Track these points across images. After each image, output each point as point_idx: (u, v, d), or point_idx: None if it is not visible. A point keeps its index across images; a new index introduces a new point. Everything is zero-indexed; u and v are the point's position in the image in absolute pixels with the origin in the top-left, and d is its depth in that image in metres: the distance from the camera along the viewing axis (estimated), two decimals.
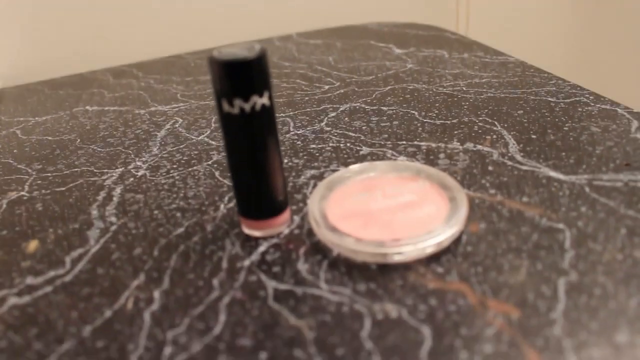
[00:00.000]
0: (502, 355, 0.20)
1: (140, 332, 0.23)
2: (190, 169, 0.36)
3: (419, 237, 0.25)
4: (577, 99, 0.41)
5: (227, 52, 0.24)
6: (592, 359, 0.20)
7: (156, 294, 0.25)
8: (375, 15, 0.73)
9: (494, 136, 0.37)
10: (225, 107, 0.25)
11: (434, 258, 0.26)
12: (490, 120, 0.39)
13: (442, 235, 0.26)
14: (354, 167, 0.32)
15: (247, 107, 0.24)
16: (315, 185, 0.33)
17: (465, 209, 0.27)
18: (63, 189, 0.36)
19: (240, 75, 0.24)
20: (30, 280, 0.27)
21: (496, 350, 0.21)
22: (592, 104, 0.40)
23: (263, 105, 0.25)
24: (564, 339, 0.21)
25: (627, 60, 0.81)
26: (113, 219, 0.32)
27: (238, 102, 0.24)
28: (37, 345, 0.23)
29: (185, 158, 0.38)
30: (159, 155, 0.39)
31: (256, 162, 0.26)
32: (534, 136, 0.36)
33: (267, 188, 0.27)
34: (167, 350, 0.22)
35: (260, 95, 0.24)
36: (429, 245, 0.25)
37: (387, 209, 0.28)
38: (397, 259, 0.25)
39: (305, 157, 0.36)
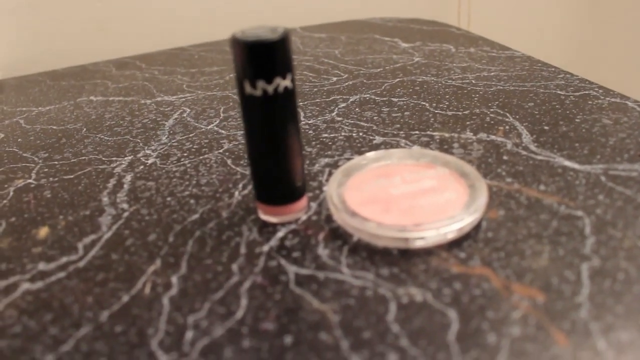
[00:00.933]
0: (530, 337, 0.20)
1: (160, 317, 0.23)
2: (201, 157, 0.36)
3: (440, 222, 0.25)
4: (587, 92, 0.41)
5: (250, 33, 0.24)
6: (620, 342, 0.20)
7: (174, 279, 0.25)
8: (377, 11, 0.73)
9: (507, 127, 0.36)
10: (248, 89, 0.24)
11: (455, 243, 0.26)
12: (501, 112, 0.39)
13: (463, 220, 0.25)
14: (370, 154, 0.32)
15: (270, 89, 0.24)
16: (330, 173, 0.33)
17: (485, 196, 0.27)
18: (71, 176, 0.35)
19: (264, 57, 0.23)
20: (42, 266, 0.27)
21: (524, 332, 0.20)
22: (602, 97, 0.40)
23: (286, 88, 0.24)
24: (591, 322, 0.21)
25: (632, 54, 0.81)
26: (125, 205, 0.31)
27: (261, 84, 0.24)
28: (52, 330, 0.23)
29: (195, 146, 0.37)
30: (169, 144, 0.38)
31: (277, 145, 0.26)
32: (546, 127, 0.36)
33: (286, 173, 0.26)
34: (189, 334, 0.22)
35: (284, 78, 0.24)
36: (450, 230, 0.25)
37: (407, 194, 0.28)
38: (418, 244, 0.25)
39: (318, 146, 0.36)
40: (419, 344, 0.20)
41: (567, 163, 0.32)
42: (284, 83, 0.24)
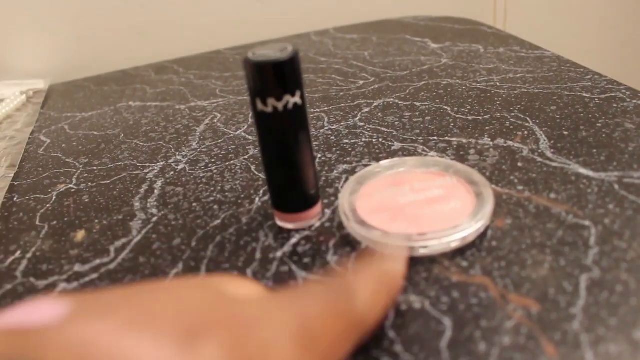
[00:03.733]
0: (520, 347, 0.21)
1: None
2: (227, 163, 0.38)
3: (444, 231, 0.26)
4: (613, 94, 0.41)
5: (260, 54, 0.25)
6: (609, 355, 0.20)
7: None
8: (412, 9, 0.74)
9: (525, 132, 0.37)
10: (259, 105, 0.26)
11: (459, 252, 0.26)
12: (522, 116, 0.39)
13: (467, 230, 0.26)
14: (384, 162, 0.33)
15: (279, 106, 0.25)
16: (346, 180, 0.34)
17: (491, 205, 0.28)
18: (108, 182, 0.38)
19: (273, 76, 0.25)
20: (78, 267, 0.29)
21: (514, 342, 0.21)
22: (629, 100, 0.39)
23: (295, 104, 0.26)
24: (582, 334, 0.21)
25: None
26: (154, 210, 0.33)
27: (271, 102, 0.25)
28: None
29: (222, 152, 0.39)
30: (198, 150, 0.40)
31: (288, 158, 0.27)
32: (565, 132, 0.36)
33: (298, 183, 0.28)
34: None
35: (293, 95, 0.26)
36: (453, 240, 0.26)
37: (414, 203, 0.29)
38: (422, 252, 0.26)
39: (338, 152, 0.37)
40: (412, 349, 0.21)
41: (582, 170, 0.32)
42: (293, 100, 0.26)
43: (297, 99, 0.26)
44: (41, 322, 0.14)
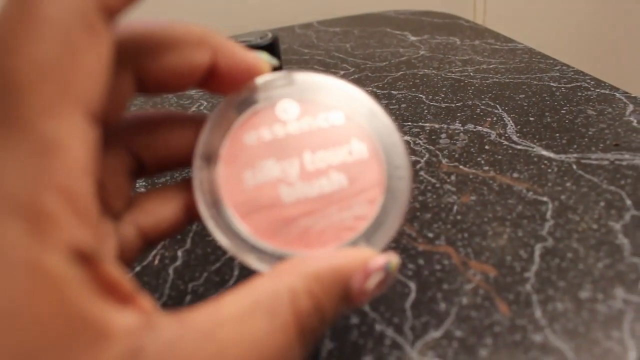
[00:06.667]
0: (477, 306, 0.23)
1: (165, 284, 0.27)
2: None
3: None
4: (579, 84, 0.43)
5: (242, 39, 0.27)
6: (555, 311, 0.23)
7: (179, 253, 0.29)
8: (395, 3, 0.76)
9: (494, 118, 0.39)
10: None
11: (426, 224, 0.29)
12: (492, 104, 0.41)
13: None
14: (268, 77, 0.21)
15: None
16: None
17: (397, 218, 0.19)
18: None
19: None
20: None
21: (472, 302, 0.23)
22: (592, 89, 0.42)
23: None
24: (533, 295, 0.24)
25: None
26: (142, 189, 0.35)
27: None
28: None
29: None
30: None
31: None
32: (532, 119, 0.38)
33: None
34: (188, 298, 0.26)
35: None
36: None
37: (304, 203, 0.19)
38: None
39: None
40: (379, 309, 0.24)
41: (544, 152, 0.34)
42: None
43: None
44: None
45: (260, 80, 0.20)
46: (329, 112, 0.20)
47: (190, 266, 0.28)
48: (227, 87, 0.20)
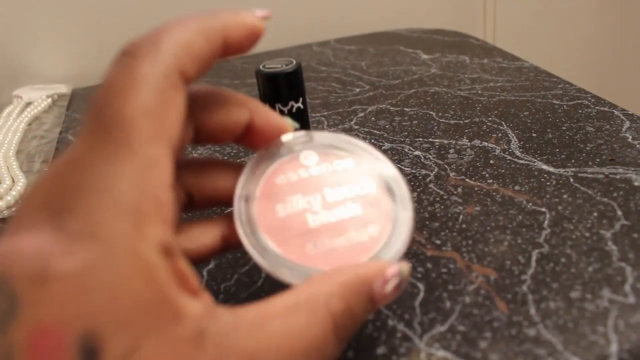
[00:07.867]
0: (478, 304, 0.26)
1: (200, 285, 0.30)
2: (238, 160, 0.43)
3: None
4: (580, 101, 0.46)
5: (269, 66, 0.30)
6: (548, 309, 0.26)
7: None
8: (407, 21, 0.79)
9: (499, 134, 0.42)
10: None
11: (435, 232, 0.32)
12: (498, 121, 0.44)
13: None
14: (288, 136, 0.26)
15: (285, 110, 0.31)
16: None
17: (405, 237, 0.23)
18: None
19: (280, 85, 0.30)
20: None
21: (474, 301, 0.26)
22: (592, 106, 0.45)
23: (298, 108, 0.31)
24: (529, 295, 0.26)
25: None
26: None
27: (278, 106, 0.31)
28: None
29: (234, 151, 0.45)
30: (212, 149, 0.46)
31: None
32: (534, 135, 0.41)
33: None
34: (220, 297, 0.29)
35: (296, 101, 0.31)
36: None
37: (327, 228, 0.23)
38: None
39: None
40: (391, 307, 0.27)
41: (544, 167, 0.37)
42: (297, 105, 0.31)
43: (299, 104, 0.31)
44: None
45: (285, 138, 0.25)
46: (342, 160, 0.25)
47: (222, 269, 0.31)
48: (259, 143, 0.24)
